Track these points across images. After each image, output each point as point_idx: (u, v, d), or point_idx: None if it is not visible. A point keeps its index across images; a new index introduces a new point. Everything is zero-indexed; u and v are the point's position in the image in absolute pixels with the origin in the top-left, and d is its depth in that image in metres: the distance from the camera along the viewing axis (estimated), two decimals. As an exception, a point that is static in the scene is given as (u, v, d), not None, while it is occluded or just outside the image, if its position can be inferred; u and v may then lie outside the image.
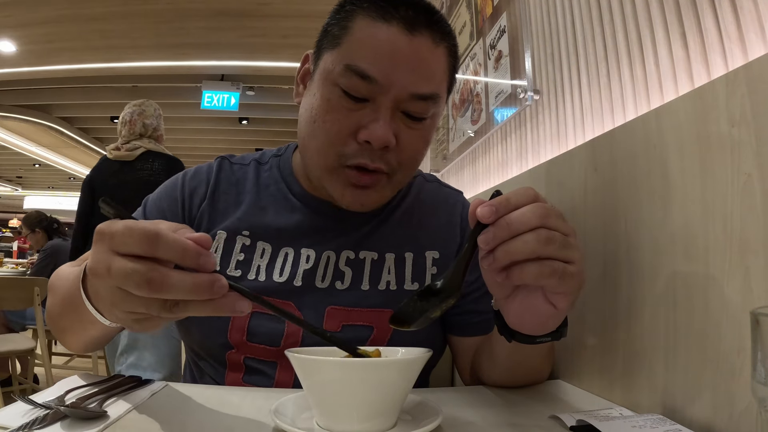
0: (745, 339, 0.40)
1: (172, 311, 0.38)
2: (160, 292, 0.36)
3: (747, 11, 0.47)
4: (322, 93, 0.59)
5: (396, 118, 0.59)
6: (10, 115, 6.48)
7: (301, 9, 3.82)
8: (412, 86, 0.57)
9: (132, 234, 0.36)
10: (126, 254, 0.37)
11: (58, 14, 3.99)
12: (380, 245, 0.69)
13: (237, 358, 0.64)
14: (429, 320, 0.44)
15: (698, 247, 0.45)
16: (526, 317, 0.47)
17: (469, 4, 1.37)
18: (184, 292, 0.37)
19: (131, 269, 0.36)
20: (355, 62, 0.56)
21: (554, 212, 0.42)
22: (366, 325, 0.65)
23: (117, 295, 0.38)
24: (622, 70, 0.67)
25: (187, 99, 5.65)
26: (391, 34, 0.56)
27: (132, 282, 0.36)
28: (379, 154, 0.59)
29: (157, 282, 0.36)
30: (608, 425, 0.43)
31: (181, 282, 0.37)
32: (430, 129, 0.63)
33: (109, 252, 0.37)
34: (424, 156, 0.65)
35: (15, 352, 2.48)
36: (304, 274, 0.66)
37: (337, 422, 0.42)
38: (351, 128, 0.58)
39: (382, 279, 0.67)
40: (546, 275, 0.41)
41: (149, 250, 0.36)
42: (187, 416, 0.48)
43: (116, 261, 0.37)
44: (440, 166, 1.68)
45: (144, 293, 0.36)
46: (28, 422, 0.41)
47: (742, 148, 0.41)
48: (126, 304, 0.38)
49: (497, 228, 0.40)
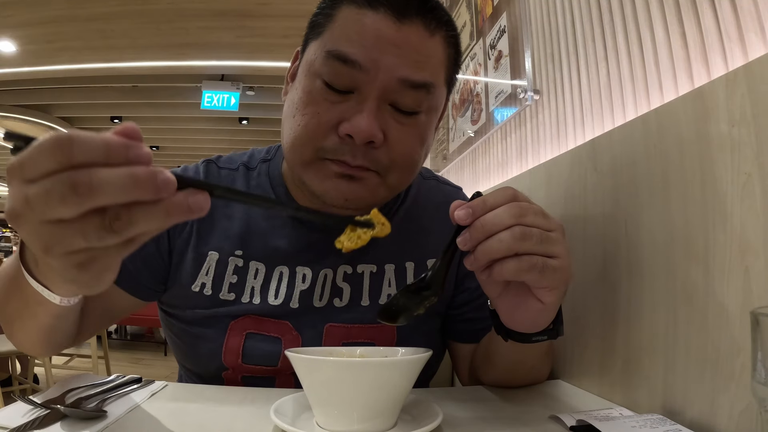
0: (745, 339, 0.40)
1: (115, 230, 0.29)
2: (91, 196, 0.28)
3: (747, 11, 0.47)
4: (303, 85, 0.54)
5: (384, 111, 0.53)
6: (10, 115, 6.47)
7: (301, 9, 3.82)
8: (401, 71, 0.51)
9: (41, 150, 0.28)
10: (41, 177, 0.28)
11: (58, 14, 3.99)
12: (379, 256, 0.65)
13: (234, 377, 0.62)
14: (414, 317, 0.45)
15: (698, 247, 0.45)
16: (517, 314, 0.48)
17: (469, 4, 1.37)
18: (120, 187, 0.28)
19: (49, 184, 0.28)
20: (337, 47, 0.51)
21: (532, 210, 0.43)
22: (366, 342, 0.63)
23: (46, 233, 0.29)
24: (622, 70, 0.67)
25: (187, 99, 5.65)
26: (377, 20, 0.51)
27: (55, 198, 0.28)
28: (363, 151, 0.53)
29: (84, 183, 0.27)
30: (608, 425, 0.43)
31: (113, 175, 0.28)
32: (426, 127, 0.57)
33: (23, 183, 0.29)
34: (422, 157, 0.59)
35: (15, 352, 2.48)
36: (300, 295, 0.62)
37: (337, 422, 0.42)
38: (332, 121, 0.52)
39: (383, 292, 0.65)
40: (525, 270, 0.42)
41: (65, 159, 0.28)
42: (187, 416, 0.48)
43: (32, 188, 0.28)
44: (440, 166, 1.68)
45: (73, 206, 0.28)
46: (28, 422, 0.41)
47: (742, 148, 0.41)
48: (59, 241, 0.30)
49: (473, 229, 0.42)
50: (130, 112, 6.49)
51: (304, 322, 0.62)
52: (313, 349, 0.53)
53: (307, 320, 0.62)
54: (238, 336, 0.61)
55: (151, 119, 6.80)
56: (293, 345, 0.61)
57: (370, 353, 0.52)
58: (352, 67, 0.51)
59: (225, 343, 0.61)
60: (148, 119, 6.82)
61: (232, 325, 0.61)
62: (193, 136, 7.75)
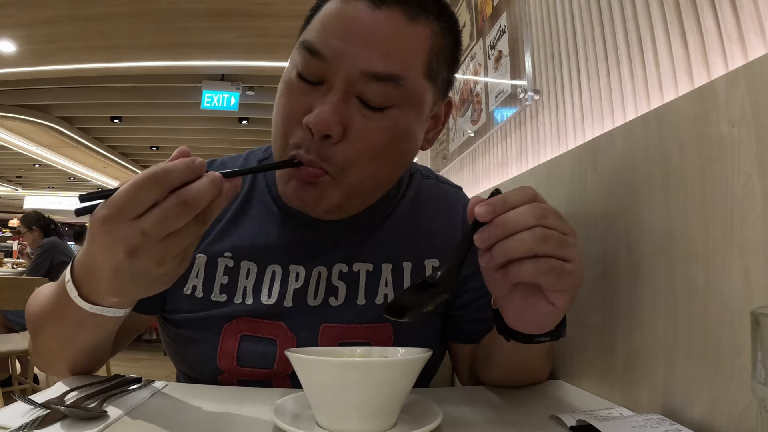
0: (745, 339, 0.40)
1: (204, 222, 0.40)
2: (198, 205, 0.38)
3: (747, 11, 0.47)
4: (283, 78, 0.55)
5: (350, 104, 0.51)
6: (10, 115, 6.47)
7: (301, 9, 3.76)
8: (364, 63, 0.49)
9: (140, 189, 0.37)
10: (149, 208, 0.37)
11: (58, 14, 3.99)
12: (375, 255, 0.65)
13: (230, 381, 0.62)
14: (422, 314, 0.45)
15: (698, 247, 0.45)
16: (525, 315, 0.47)
17: (469, 4, 1.37)
18: (209, 192, 0.39)
19: (162, 210, 0.37)
20: (307, 37, 0.52)
21: (552, 212, 0.42)
22: (362, 342, 0.62)
23: (161, 249, 0.38)
24: (622, 70, 0.67)
25: (187, 99, 5.65)
26: (353, 8, 0.50)
27: (171, 217, 0.37)
28: (317, 146, 0.51)
29: (190, 198, 0.38)
30: (608, 425, 0.43)
31: (203, 186, 0.38)
32: (401, 121, 0.53)
33: (130, 222, 0.38)
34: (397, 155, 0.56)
35: (15, 352, 2.48)
36: (294, 294, 0.62)
37: (337, 422, 0.42)
38: (300, 113, 0.51)
39: (379, 292, 0.64)
40: (543, 272, 0.41)
41: (166, 187, 0.38)
42: (187, 416, 0.47)
43: (145, 220, 0.37)
44: (440, 166, 1.68)
45: (186, 216, 0.38)
46: (28, 422, 0.41)
47: (742, 148, 0.41)
48: (174, 247, 0.39)
49: (493, 227, 0.41)
50: (130, 112, 6.49)
51: (300, 322, 0.61)
52: (313, 349, 0.53)
53: (302, 321, 0.62)
54: (232, 339, 0.61)
55: (150, 119, 6.80)
56: (289, 346, 0.60)
57: (370, 353, 0.51)
58: (319, 59, 0.50)
59: (219, 346, 0.60)
60: (148, 119, 6.82)
61: (226, 328, 0.61)
62: (193, 136, 7.75)
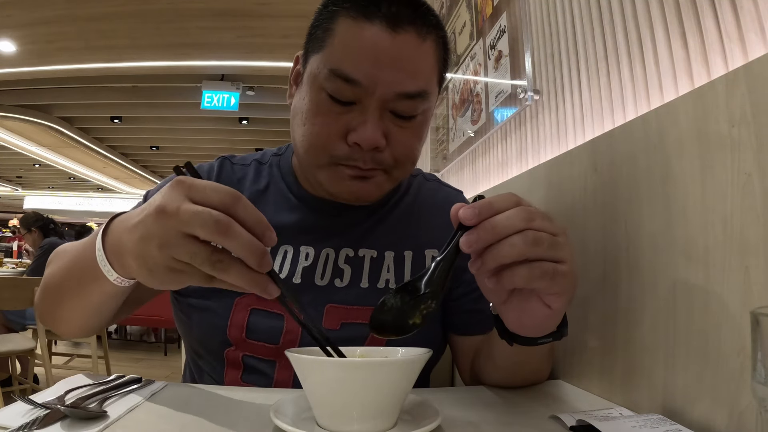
0: (745, 339, 0.40)
1: (214, 266, 0.39)
2: (223, 236, 0.38)
3: (747, 11, 0.47)
4: (310, 97, 0.60)
5: (385, 118, 0.59)
6: (10, 115, 6.48)
7: (301, 9, 3.82)
8: (398, 86, 0.57)
9: (217, 189, 0.39)
10: (200, 204, 0.39)
11: (58, 14, 4.00)
12: (380, 243, 0.70)
13: (236, 356, 0.64)
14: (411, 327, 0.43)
15: (698, 247, 0.45)
16: (524, 320, 0.47)
17: (469, 4, 1.37)
18: (242, 246, 0.38)
19: (202, 210, 0.38)
20: (339, 67, 0.56)
21: (539, 214, 0.42)
22: (365, 323, 0.64)
23: (172, 238, 0.39)
24: (622, 70, 0.67)
25: (187, 99, 5.66)
26: (373, 34, 0.55)
27: (198, 220, 0.38)
28: (371, 155, 0.59)
29: (224, 224, 0.38)
30: (608, 425, 0.43)
31: (243, 235, 0.38)
32: (422, 125, 0.63)
33: (183, 197, 0.39)
34: (420, 151, 0.66)
35: (15, 352, 2.49)
36: (303, 272, 0.66)
37: (337, 422, 0.42)
38: (340, 131, 0.58)
39: (381, 277, 0.68)
40: (537, 277, 0.41)
41: (231, 205, 0.39)
42: (187, 416, 0.47)
43: (188, 204, 0.38)
44: (440, 166, 1.68)
45: (208, 233, 0.38)
46: (28, 422, 0.41)
47: (742, 148, 0.41)
48: (176, 249, 0.39)
49: (482, 230, 0.40)
50: (130, 112, 6.49)
51: (306, 299, 0.65)
52: (313, 348, 0.53)
53: (309, 298, 0.65)
54: (243, 311, 0.64)
55: (150, 119, 6.81)
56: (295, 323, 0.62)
57: (370, 353, 0.52)
58: (354, 85, 0.56)
59: (231, 317, 0.64)
60: (148, 119, 6.82)
61: (238, 300, 0.64)
62: (192, 136, 7.76)
